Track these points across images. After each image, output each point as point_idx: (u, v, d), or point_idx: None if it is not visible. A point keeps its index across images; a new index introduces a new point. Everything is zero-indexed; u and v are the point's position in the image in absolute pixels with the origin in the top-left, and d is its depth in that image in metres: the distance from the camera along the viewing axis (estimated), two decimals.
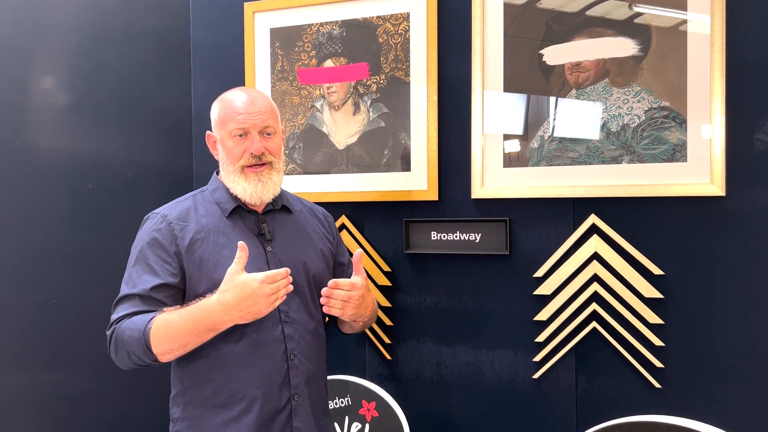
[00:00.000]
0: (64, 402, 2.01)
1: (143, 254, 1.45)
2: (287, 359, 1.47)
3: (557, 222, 1.77)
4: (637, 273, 1.67)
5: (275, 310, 1.45)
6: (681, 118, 1.63)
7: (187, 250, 1.44)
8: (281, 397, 1.46)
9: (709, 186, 1.60)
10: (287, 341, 1.47)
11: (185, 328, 1.34)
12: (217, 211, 1.51)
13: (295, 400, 1.48)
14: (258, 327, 1.44)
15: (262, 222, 1.52)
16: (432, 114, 1.88)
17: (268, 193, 1.50)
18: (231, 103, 1.50)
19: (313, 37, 2.04)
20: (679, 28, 1.63)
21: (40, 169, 2.00)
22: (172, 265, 1.43)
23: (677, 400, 1.66)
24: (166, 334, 1.34)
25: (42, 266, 1.99)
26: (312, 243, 1.59)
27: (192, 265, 1.44)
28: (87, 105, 2.08)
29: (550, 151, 1.77)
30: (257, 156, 1.47)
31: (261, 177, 1.48)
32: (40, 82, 2.02)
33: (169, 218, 1.48)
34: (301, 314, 1.52)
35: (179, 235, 1.46)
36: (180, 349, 1.37)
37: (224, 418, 1.43)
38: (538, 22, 1.77)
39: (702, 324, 1.63)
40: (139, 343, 1.35)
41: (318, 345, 1.56)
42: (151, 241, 1.45)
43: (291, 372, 1.47)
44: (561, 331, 1.76)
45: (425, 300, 1.93)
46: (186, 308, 1.38)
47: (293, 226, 1.58)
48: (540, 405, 1.81)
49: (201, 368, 1.44)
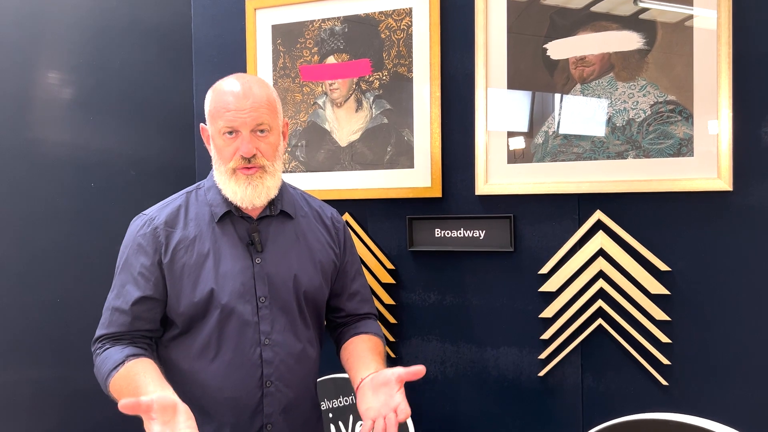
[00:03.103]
0: (66, 400, 2.01)
1: (128, 262, 1.38)
2: (262, 385, 1.37)
3: (562, 218, 1.76)
4: (643, 269, 1.66)
5: (255, 332, 1.37)
6: (687, 113, 1.62)
7: (170, 260, 1.36)
8: (252, 424, 1.37)
9: (716, 181, 1.58)
10: (264, 366, 1.37)
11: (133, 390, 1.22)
12: (208, 215, 1.40)
13: (267, 429, 1.38)
14: (235, 348, 1.36)
15: (253, 231, 1.40)
16: (435, 110, 1.87)
17: (260, 198, 1.37)
18: (222, 95, 1.35)
19: (315, 33, 2.03)
20: (685, 23, 1.61)
21: (43, 168, 2.00)
22: (154, 275, 1.36)
23: (684, 398, 1.65)
24: (120, 392, 1.27)
25: (44, 265, 1.99)
26: (310, 254, 1.46)
27: (173, 277, 1.36)
28: (89, 103, 2.07)
29: (554, 146, 1.75)
30: (247, 159, 1.34)
31: (252, 180, 1.35)
32: (42, 79, 2.01)
33: (156, 222, 1.39)
34: (286, 335, 1.41)
35: (163, 242, 1.37)
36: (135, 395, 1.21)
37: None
38: (542, 16, 1.75)
39: (709, 320, 1.62)
40: (102, 384, 1.33)
41: (302, 370, 1.44)
42: (136, 247, 1.38)
43: (265, 399, 1.37)
44: (566, 329, 1.75)
45: (429, 298, 1.92)
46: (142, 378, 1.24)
47: (290, 234, 1.46)
48: (545, 403, 1.79)
49: (177, 381, 1.35)
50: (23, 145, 1.97)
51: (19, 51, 1.97)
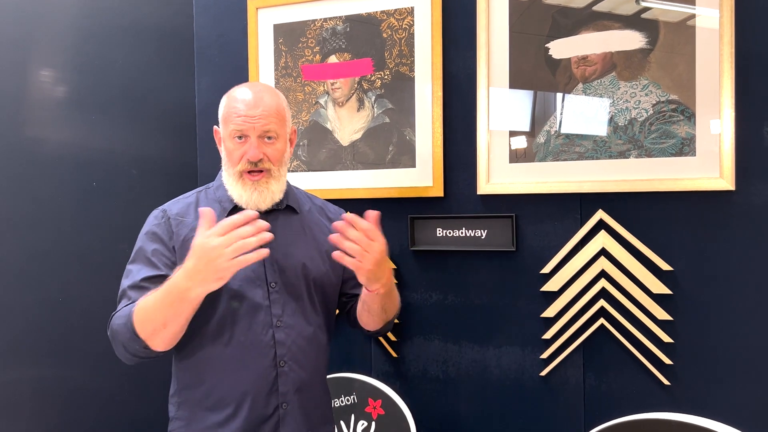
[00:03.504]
0: (67, 399, 2.01)
1: (142, 249, 1.44)
2: (276, 365, 1.42)
3: (564, 218, 1.76)
4: (645, 269, 1.66)
5: (267, 314, 1.43)
6: (689, 112, 1.61)
7: (181, 247, 1.42)
8: (268, 404, 1.42)
9: (719, 180, 1.58)
10: (277, 347, 1.43)
11: (160, 302, 1.30)
12: (218, 210, 1.47)
13: (283, 408, 1.43)
14: (248, 330, 1.42)
15: None
16: (437, 110, 1.87)
17: (264, 202, 1.46)
18: (234, 101, 1.45)
19: (316, 32, 2.03)
20: (688, 23, 1.61)
21: (44, 167, 1.99)
22: (169, 258, 1.42)
23: (686, 398, 1.64)
24: (146, 314, 1.31)
25: (46, 264, 1.99)
26: (316, 244, 1.54)
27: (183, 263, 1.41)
28: (90, 102, 2.07)
29: (556, 146, 1.75)
30: (254, 162, 1.42)
31: (258, 186, 1.44)
32: (42, 78, 2.01)
33: (169, 213, 1.47)
34: (297, 318, 1.47)
35: (176, 231, 1.44)
36: (161, 328, 1.31)
37: (212, 421, 1.41)
38: (544, 15, 1.75)
39: (711, 320, 1.61)
40: (127, 329, 1.32)
41: (313, 351, 1.50)
42: (151, 235, 1.45)
43: (280, 379, 1.43)
44: (568, 328, 1.75)
45: (431, 297, 1.92)
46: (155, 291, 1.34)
47: (297, 227, 1.54)
48: (547, 403, 1.79)
49: (192, 369, 1.43)
50: (24, 143, 1.97)
51: (20, 49, 1.97)
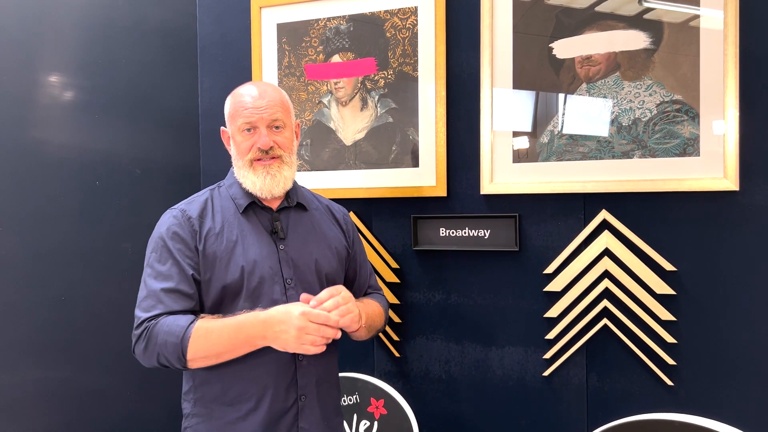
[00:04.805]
0: (73, 399, 2.01)
1: (167, 248, 1.44)
2: (295, 360, 1.46)
3: (568, 218, 1.76)
4: (648, 269, 1.66)
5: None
6: (693, 112, 1.61)
7: (203, 247, 1.45)
8: (288, 397, 1.46)
9: (723, 180, 1.57)
10: None
11: (225, 337, 1.35)
12: (232, 207, 1.51)
13: (302, 400, 1.47)
14: None
15: (275, 220, 1.51)
16: (440, 109, 1.87)
17: (278, 187, 1.48)
18: (240, 97, 1.50)
19: (320, 32, 2.03)
20: (691, 23, 1.61)
21: (48, 167, 2.00)
22: (193, 260, 1.43)
23: (690, 398, 1.64)
24: (206, 342, 1.35)
25: (50, 264, 1.99)
26: (326, 241, 1.58)
27: (205, 262, 1.44)
28: (94, 102, 2.07)
29: (560, 146, 1.75)
30: (265, 150, 1.47)
31: (270, 170, 1.47)
32: (46, 79, 2.01)
33: (189, 213, 1.48)
34: None
35: (197, 230, 1.46)
36: (214, 358, 1.37)
37: (232, 416, 1.44)
38: (548, 15, 1.75)
39: (715, 320, 1.61)
40: (175, 348, 1.35)
41: (329, 347, 1.53)
42: (173, 235, 1.45)
43: (299, 372, 1.47)
44: (571, 328, 1.74)
45: (434, 297, 1.92)
46: (230, 317, 1.39)
47: (308, 224, 1.57)
48: (550, 403, 1.79)
49: (210, 366, 1.44)
50: (29, 144, 1.97)
51: (24, 51, 1.97)
